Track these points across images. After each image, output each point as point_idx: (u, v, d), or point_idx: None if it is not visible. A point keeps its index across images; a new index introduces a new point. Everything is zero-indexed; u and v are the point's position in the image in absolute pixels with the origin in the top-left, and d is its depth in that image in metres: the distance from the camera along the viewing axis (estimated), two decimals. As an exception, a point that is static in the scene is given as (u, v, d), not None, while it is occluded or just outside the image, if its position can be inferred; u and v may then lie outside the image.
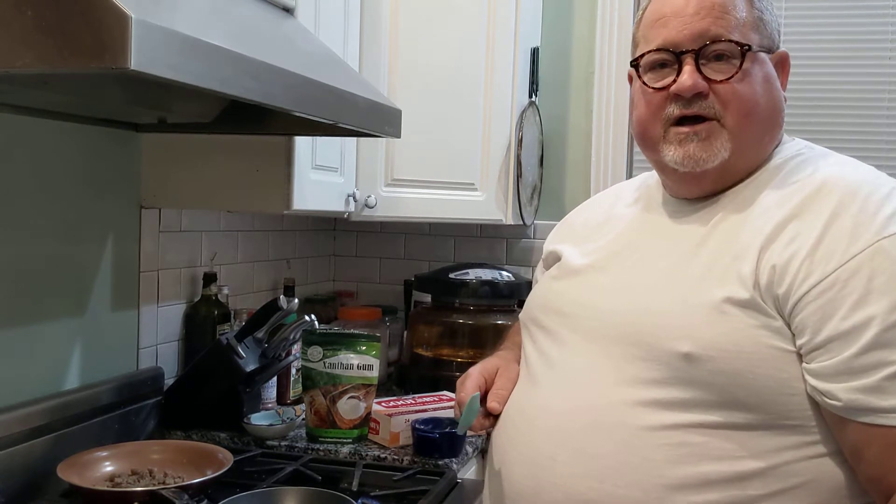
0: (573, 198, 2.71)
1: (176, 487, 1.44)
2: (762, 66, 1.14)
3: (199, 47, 1.07)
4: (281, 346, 1.94)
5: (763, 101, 1.13)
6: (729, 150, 1.12)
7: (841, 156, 1.17)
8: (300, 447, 1.85)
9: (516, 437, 1.20)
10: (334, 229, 2.88)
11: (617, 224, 1.29)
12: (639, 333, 1.10)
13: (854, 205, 1.04)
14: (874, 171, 1.12)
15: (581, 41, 2.68)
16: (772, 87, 1.14)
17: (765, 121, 1.14)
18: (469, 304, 2.39)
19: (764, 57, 1.14)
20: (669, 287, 1.10)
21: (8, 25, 0.97)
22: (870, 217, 1.02)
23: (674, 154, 1.14)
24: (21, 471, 1.51)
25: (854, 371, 0.98)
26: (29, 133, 1.59)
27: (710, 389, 1.04)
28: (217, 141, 1.84)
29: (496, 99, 2.39)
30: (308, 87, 1.39)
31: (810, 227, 1.04)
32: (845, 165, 1.13)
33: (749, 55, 1.11)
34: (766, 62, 1.15)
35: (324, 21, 1.89)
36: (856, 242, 1.01)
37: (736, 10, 1.13)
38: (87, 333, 1.75)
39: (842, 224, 1.03)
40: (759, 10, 1.15)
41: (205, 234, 2.14)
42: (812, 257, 1.02)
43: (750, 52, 1.11)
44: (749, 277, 1.04)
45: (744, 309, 1.04)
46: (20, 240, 1.59)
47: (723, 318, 1.04)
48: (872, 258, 0.99)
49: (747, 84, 1.11)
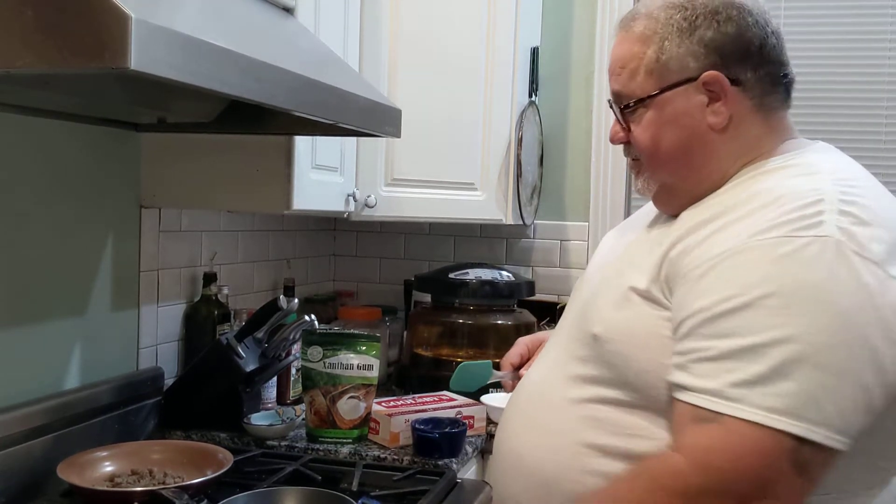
0: (573, 198, 2.72)
1: (176, 487, 1.43)
2: (663, 108, 1.15)
3: (199, 47, 1.07)
4: (281, 346, 1.94)
5: (667, 140, 1.16)
6: (656, 182, 1.21)
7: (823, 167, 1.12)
8: (300, 447, 1.85)
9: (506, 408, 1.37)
10: (334, 229, 2.88)
11: (629, 234, 1.35)
12: (580, 317, 1.22)
13: (761, 211, 1.04)
14: (827, 187, 1.05)
15: (581, 41, 2.68)
16: (677, 123, 1.15)
17: (674, 156, 1.17)
18: (469, 304, 2.39)
19: (667, 97, 1.15)
20: (609, 278, 1.20)
21: (8, 25, 0.97)
22: (763, 221, 1.03)
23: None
24: (21, 471, 1.51)
25: (679, 354, 1.04)
26: (29, 133, 1.59)
27: (610, 368, 1.13)
28: (217, 141, 1.84)
29: (496, 98, 2.39)
30: (308, 87, 1.39)
31: (715, 227, 1.07)
32: (797, 178, 1.09)
33: (645, 102, 1.16)
34: (670, 101, 1.15)
35: (324, 21, 1.89)
36: (731, 241, 1.03)
37: (630, 62, 1.17)
38: (87, 333, 1.75)
39: (736, 226, 1.05)
40: (658, 48, 1.15)
41: (205, 234, 2.14)
42: (694, 252, 1.06)
43: (641, 102, 1.16)
44: (653, 268, 1.11)
45: (643, 297, 1.11)
46: (20, 239, 1.59)
47: (626, 305, 1.12)
48: (732, 256, 1.02)
49: (644, 130, 1.17)
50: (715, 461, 0.97)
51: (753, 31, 1.14)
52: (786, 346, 0.95)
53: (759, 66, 1.15)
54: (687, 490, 0.97)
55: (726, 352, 0.97)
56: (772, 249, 0.99)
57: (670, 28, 1.14)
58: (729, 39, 1.13)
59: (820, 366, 0.95)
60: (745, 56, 1.14)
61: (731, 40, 1.13)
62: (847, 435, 0.96)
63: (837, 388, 0.95)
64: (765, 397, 0.95)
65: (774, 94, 1.17)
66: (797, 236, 0.99)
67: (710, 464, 0.97)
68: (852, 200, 1.03)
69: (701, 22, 1.13)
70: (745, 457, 0.95)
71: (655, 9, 1.17)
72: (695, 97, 1.14)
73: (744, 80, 1.14)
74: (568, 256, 2.70)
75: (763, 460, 0.95)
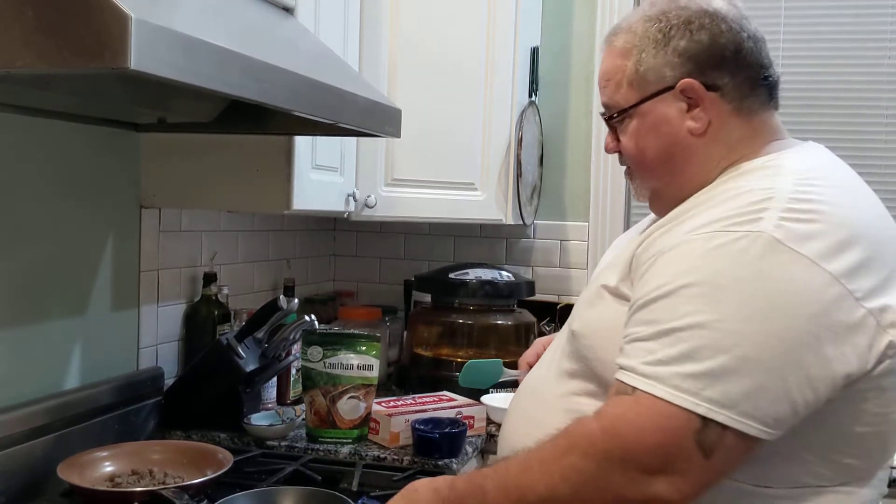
0: (573, 198, 2.72)
1: (176, 487, 1.44)
2: (644, 117, 1.20)
3: (199, 47, 1.07)
4: (281, 346, 1.94)
5: (652, 148, 1.21)
6: (647, 188, 1.26)
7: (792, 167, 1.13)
8: (300, 447, 1.85)
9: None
10: (334, 229, 2.88)
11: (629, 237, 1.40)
12: (570, 317, 1.28)
13: (712, 209, 1.08)
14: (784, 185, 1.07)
15: (581, 41, 2.68)
16: (658, 131, 1.20)
17: (658, 163, 1.22)
18: (469, 304, 2.39)
19: (648, 107, 1.20)
20: (594, 279, 1.27)
21: (8, 25, 0.97)
22: (707, 218, 1.07)
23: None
24: (21, 471, 1.52)
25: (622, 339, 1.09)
26: (29, 133, 1.59)
27: (585, 362, 1.19)
28: (217, 141, 1.84)
29: (496, 98, 2.39)
30: (308, 87, 1.39)
31: (672, 224, 1.13)
32: (763, 178, 1.11)
33: (629, 113, 1.21)
34: (651, 110, 1.20)
35: (324, 21, 1.89)
36: (677, 236, 1.08)
37: (614, 75, 1.22)
38: (87, 333, 1.75)
39: (688, 223, 1.09)
40: (636, 60, 1.19)
41: (205, 234, 2.14)
42: (650, 248, 1.12)
43: (625, 112, 1.22)
44: (624, 266, 1.16)
45: (612, 294, 1.16)
46: (20, 239, 1.59)
47: (598, 302, 1.18)
48: (672, 249, 1.07)
49: (629, 140, 1.23)
50: (621, 429, 1.01)
51: (727, 37, 1.17)
52: (698, 331, 1.00)
53: (736, 71, 1.18)
54: (595, 453, 1.02)
55: (648, 335, 1.03)
56: (704, 243, 1.04)
57: (647, 40, 1.19)
58: (702, 47, 1.17)
59: (730, 352, 0.98)
60: (719, 62, 1.17)
61: (704, 48, 1.17)
62: (757, 420, 0.99)
63: (746, 373, 0.98)
64: (674, 377, 0.99)
65: (754, 97, 1.19)
66: (730, 231, 1.03)
67: (616, 430, 1.02)
68: (805, 199, 1.05)
69: (675, 32, 1.18)
70: (649, 429, 1.00)
71: (634, 22, 1.22)
72: (674, 105, 1.18)
73: (721, 85, 1.17)
74: (568, 256, 2.70)
75: (666, 435, 0.99)
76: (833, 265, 1.00)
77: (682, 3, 1.19)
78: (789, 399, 0.99)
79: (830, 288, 1.00)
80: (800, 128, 2.54)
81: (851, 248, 1.02)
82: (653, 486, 0.99)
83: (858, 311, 1.00)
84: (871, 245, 1.04)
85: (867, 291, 1.01)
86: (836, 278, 1.00)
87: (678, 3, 1.20)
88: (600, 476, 1.01)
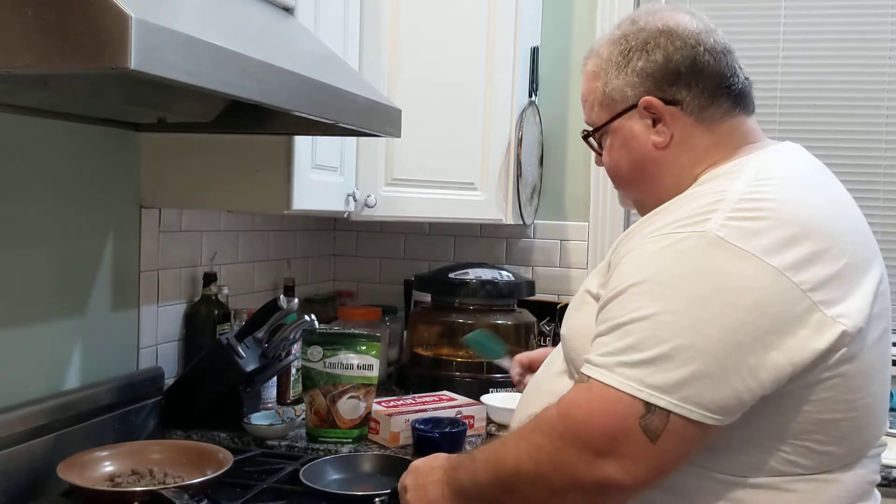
0: (573, 198, 2.72)
1: (176, 487, 1.44)
2: (616, 134, 1.29)
3: (199, 47, 1.07)
4: (281, 346, 1.94)
5: (623, 162, 1.30)
6: (629, 198, 1.36)
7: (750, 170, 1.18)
8: (300, 447, 1.85)
9: None
10: (334, 229, 2.88)
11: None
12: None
13: (668, 215, 1.15)
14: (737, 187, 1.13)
15: (581, 41, 2.68)
16: (628, 146, 1.28)
17: (632, 175, 1.30)
18: (469, 303, 2.39)
19: (617, 124, 1.28)
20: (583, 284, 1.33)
21: (8, 25, 0.97)
22: (661, 223, 1.14)
23: None
24: (21, 471, 1.52)
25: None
26: (29, 133, 1.59)
27: (572, 364, 1.25)
28: (217, 141, 1.84)
29: (496, 98, 2.39)
30: (308, 87, 1.39)
31: (637, 230, 1.19)
32: (724, 182, 1.16)
33: (604, 130, 1.30)
34: (620, 127, 1.28)
35: (324, 21, 1.89)
36: (635, 241, 1.15)
37: (589, 96, 1.32)
38: (87, 333, 1.75)
39: (647, 228, 1.16)
40: (603, 82, 1.29)
41: (205, 234, 2.14)
42: (619, 251, 1.18)
43: (598, 131, 1.32)
44: (603, 273, 1.21)
45: (594, 298, 1.21)
46: (20, 240, 1.59)
47: (583, 306, 1.24)
48: (628, 253, 1.14)
49: (607, 154, 1.32)
50: (573, 412, 1.09)
51: (682, 53, 1.24)
52: (641, 324, 1.06)
53: (693, 84, 1.24)
54: (552, 434, 1.10)
55: (603, 330, 1.11)
56: (653, 244, 1.11)
57: (610, 63, 1.28)
58: (658, 66, 1.24)
59: (670, 341, 1.04)
60: (675, 78, 1.24)
61: (659, 67, 1.24)
62: (700, 406, 1.03)
63: (686, 361, 1.03)
64: (620, 365, 1.06)
65: (715, 107, 1.25)
66: (677, 232, 1.10)
67: (569, 414, 1.09)
68: (754, 198, 1.11)
69: (633, 54, 1.26)
70: (597, 413, 1.06)
71: (601, 47, 1.31)
72: (639, 121, 1.26)
73: (679, 99, 1.24)
74: (568, 256, 2.70)
75: (611, 418, 1.05)
76: (777, 259, 1.05)
77: (641, 25, 1.27)
78: (730, 386, 1.04)
79: (773, 280, 1.04)
80: (800, 128, 2.54)
81: (800, 243, 1.06)
82: (604, 468, 1.05)
83: (804, 302, 1.05)
84: (823, 239, 1.08)
85: (816, 283, 1.05)
86: (781, 271, 1.04)
87: (638, 24, 1.28)
88: (556, 455, 1.08)
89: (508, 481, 1.13)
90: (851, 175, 2.32)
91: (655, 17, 1.27)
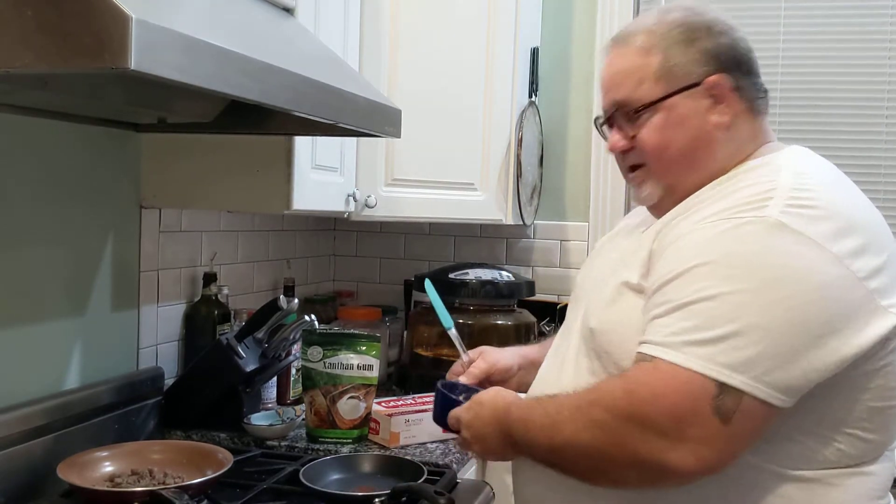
0: (573, 198, 2.72)
1: (176, 487, 1.43)
2: (671, 111, 1.25)
3: (199, 47, 1.07)
4: (281, 346, 1.94)
5: (675, 142, 1.25)
6: (661, 187, 1.29)
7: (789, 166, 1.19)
8: (300, 447, 1.85)
9: None
10: (334, 229, 2.88)
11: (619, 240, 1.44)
12: (583, 317, 1.31)
13: (718, 202, 1.15)
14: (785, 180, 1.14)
15: (581, 41, 2.68)
16: (685, 124, 1.25)
17: (681, 156, 1.26)
18: (469, 304, 2.39)
19: (674, 101, 1.24)
20: (605, 278, 1.29)
21: (8, 25, 0.97)
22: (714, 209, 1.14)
23: (632, 195, 1.40)
24: (21, 471, 1.51)
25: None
26: (29, 133, 1.59)
27: (606, 358, 1.21)
28: (217, 141, 1.83)
29: (496, 99, 2.39)
30: (308, 87, 1.38)
31: (681, 219, 1.19)
32: (765, 174, 1.18)
33: (655, 107, 1.25)
34: (677, 104, 1.25)
35: (324, 21, 1.89)
36: (685, 227, 1.15)
37: (635, 72, 1.27)
38: (87, 333, 1.75)
39: (694, 216, 1.17)
40: (662, 57, 1.25)
41: (205, 234, 2.14)
42: (662, 241, 1.18)
43: (650, 106, 1.25)
44: (643, 264, 1.20)
45: (633, 290, 1.20)
46: (20, 240, 1.59)
47: (619, 299, 1.22)
48: (680, 238, 1.14)
49: (653, 133, 1.26)
50: (640, 391, 1.08)
51: (743, 43, 1.28)
52: (709, 303, 1.06)
53: (749, 74, 1.27)
54: (615, 410, 1.09)
55: (663, 312, 1.10)
56: (712, 228, 1.12)
57: (671, 40, 1.25)
58: (725, 49, 1.26)
59: (740, 320, 1.04)
60: (738, 63, 1.26)
61: (726, 49, 1.26)
62: (770, 386, 1.03)
63: (757, 340, 1.03)
64: (688, 344, 1.05)
65: (761, 99, 1.28)
66: (737, 217, 1.10)
67: (635, 392, 1.08)
68: (805, 190, 1.12)
69: (699, 34, 1.25)
70: (666, 394, 1.05)
71: (651, 25, 1.28)
72: (700, 100, 1.24)
73: (740, 85, 1.25)
74: (568, 256, 2.70)
75: (682, 398, 1.04)
76: (836, 247, 1.07)
77: (699, 11, 1.27)
78: (799, 366, 1.04)
79: (834, 267, 1.06)
80: (800, 128, 2.54)
81: (850, 235, 1.09)
82: (670, 452, 1.04)
83: (861, 290, 1.07)
84: (866, 233, 1.11)
85: (869, 273, 1.08)
86: (840, 259, 1.06)
87: (694, 10, 1.28)
88: (618, 433, 1.07)
89: (561, 449, 1.14)
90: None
91: (705, 8, 1.28)
